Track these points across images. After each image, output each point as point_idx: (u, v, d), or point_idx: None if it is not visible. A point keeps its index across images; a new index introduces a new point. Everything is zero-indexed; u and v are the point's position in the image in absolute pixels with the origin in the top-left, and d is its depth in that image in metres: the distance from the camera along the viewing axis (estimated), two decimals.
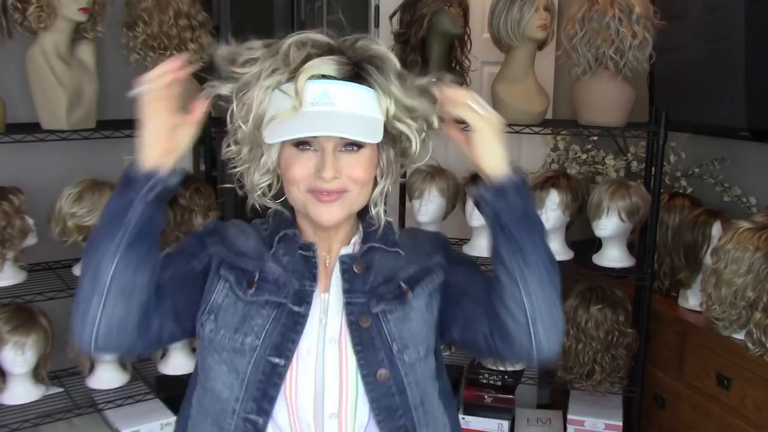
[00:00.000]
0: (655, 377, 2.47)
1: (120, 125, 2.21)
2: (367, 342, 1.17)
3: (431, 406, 1.24)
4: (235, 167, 1.19)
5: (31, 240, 2.15)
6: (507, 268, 1.12)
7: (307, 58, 1.10)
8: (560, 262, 2.44)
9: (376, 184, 1.21)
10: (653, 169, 2.34)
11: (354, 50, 1.14)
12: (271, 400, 1.15)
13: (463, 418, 2.59)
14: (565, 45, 2.29)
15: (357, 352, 1.17)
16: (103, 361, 2.28)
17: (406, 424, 1.19)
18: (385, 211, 1.23)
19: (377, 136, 1.12)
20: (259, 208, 1.23)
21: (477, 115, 1.13)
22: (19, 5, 2.00)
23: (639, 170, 2.79)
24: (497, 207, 1.12)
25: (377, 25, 3.04)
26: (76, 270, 2.26)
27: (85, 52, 2.18)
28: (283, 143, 1.13)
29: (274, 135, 1.10)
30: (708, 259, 2.23)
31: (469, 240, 2.60)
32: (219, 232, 1.24)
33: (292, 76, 1.10)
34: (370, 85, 1.13)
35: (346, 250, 1.23)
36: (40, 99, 2.12)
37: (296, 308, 1.17)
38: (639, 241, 2.49)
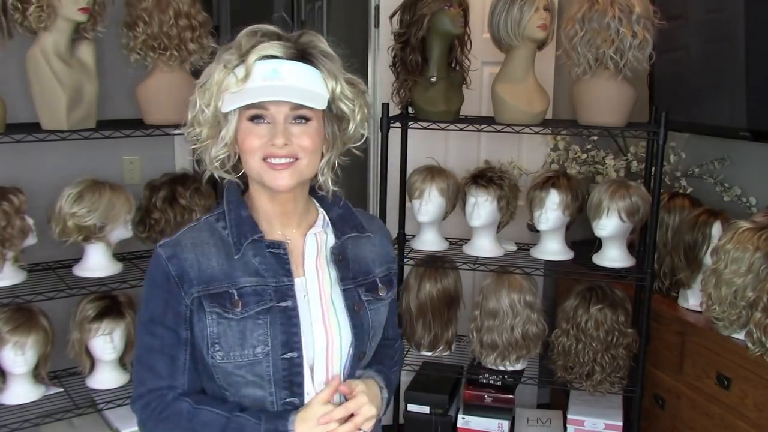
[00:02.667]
0: (655, 377, 2.47)
1: (120, 125, 2.22)
2: (358, 325, 1.33)
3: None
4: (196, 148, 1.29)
5: (31, 240, 2.15)
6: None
7: (258, 43, 1.23)
8: (560, 262, 2.49)
9: (322, 156, 1.31)
10: (653, 169, 2.34)
11: (300, 42, 1.26)
12: (300, 385, 1.28)
13: (463, 418, 2.59)
14: (565, 45, 2.29)
15: (354, 334, 1.33)
16: (103, 361, 2.28)
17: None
18: (333, 181, 1.34)
19: (321, 104, 1.24)
20: (218, 179, 1.33)
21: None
22: (19, 5, 2.00)
23: (639, 170, 2.79)
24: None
25: (377, 25, 3.04)
26: (76, 270, 2.26)
27: (85, 52, 2.18)
28: (239, 118, 1.24)
29: (230, 104, 1.22)
30: (708, 259, 2.23)
31: (469, 240, 2.61)
32: (182, 270, 1.27)
33: (245, 59, 1.22)
34: (316, 67, 1.25)
35: (311, 239, 1.34)
36: (40, 99, 2.11)
37: (283, 304, 1.27)
38: (639, 241, 2.49)
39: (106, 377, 2.30)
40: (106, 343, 2.23)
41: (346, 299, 1.34)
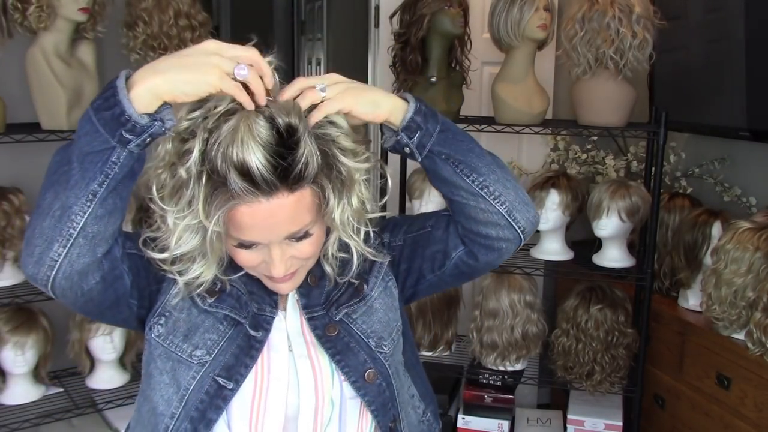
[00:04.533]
0: (655, 377, 2.47)
1: None
2: (344, 348, 1.14)
3: (401, 384, 1.23)
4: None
5: None
6: (464, 188, 1.10)
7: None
8: (560, 262, 2.49)
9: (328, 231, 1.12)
10: (653, 169, 2.34)
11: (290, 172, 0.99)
12: (209, 424, 1.10)
13: (463, 418, 2.59)
14: (565, 45, 2.29)
15: (338, 362, 1.14)
16: (103, 361, 2.28)
17: (394, 413, 1.19)
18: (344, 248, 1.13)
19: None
20: None
21: (317, 93, 1.03)
22: (19, 5, 2.00)
23: (639, 170, 2.79)
24: (420, 141, 1.08)
25: (377, 25, 3.04)
26: None
27: (85, 52, 2.18)
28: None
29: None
30: (708, 259, 2.23)
31: None
32: None
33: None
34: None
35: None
36: (40, 99, 2.11)
37: (253, 332, 1.12)
38: (639, 241, 2.49)
39: (106, 377, 2.30)
40: (106, 342, 2.23)
41: (314, 328, 1.15)
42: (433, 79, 2.42)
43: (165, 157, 1.01)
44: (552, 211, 2.41)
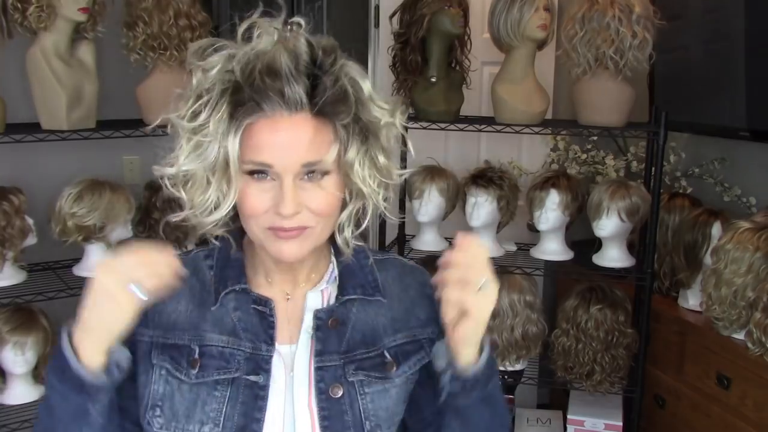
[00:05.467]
0: (655, 377, 2.47)
1: (120, 125, 2.22)
2: (336, 415, 1.05)
3: None
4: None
5: (31, 240, 2.15)
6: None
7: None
8: (560, 262, 2.49)
9: (345, 204, 1.04)
10: (653, 169, 2.34)
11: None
12: None
13: None
14: (565, 45, 2.29)
15: (323, 427, 1.04)
16: None
17: None
18: (358, 231, 1.06)
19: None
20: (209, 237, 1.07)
21: (472, 297, 0.99)
22: (19, 5, 2.00)
23: (639, 170, 2.79)
24: (459, 397, 1.05)
25: (377, 25, 3.04)
26: (76, 270, 2.26)
27: (85, 52, 2.18)
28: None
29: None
30: (708, 259, 2.23)
31: None
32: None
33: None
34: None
35: (315, 297, 1.09)
36: (40, 99, 2.12)
37: (253, 378, 1.04)
38: (639, 241, 2.49)
39: None
40: None
41: (319, 380, 1.05)
42: (433, 79, 2.42)
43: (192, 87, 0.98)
44: (552, 211, 2.41)
